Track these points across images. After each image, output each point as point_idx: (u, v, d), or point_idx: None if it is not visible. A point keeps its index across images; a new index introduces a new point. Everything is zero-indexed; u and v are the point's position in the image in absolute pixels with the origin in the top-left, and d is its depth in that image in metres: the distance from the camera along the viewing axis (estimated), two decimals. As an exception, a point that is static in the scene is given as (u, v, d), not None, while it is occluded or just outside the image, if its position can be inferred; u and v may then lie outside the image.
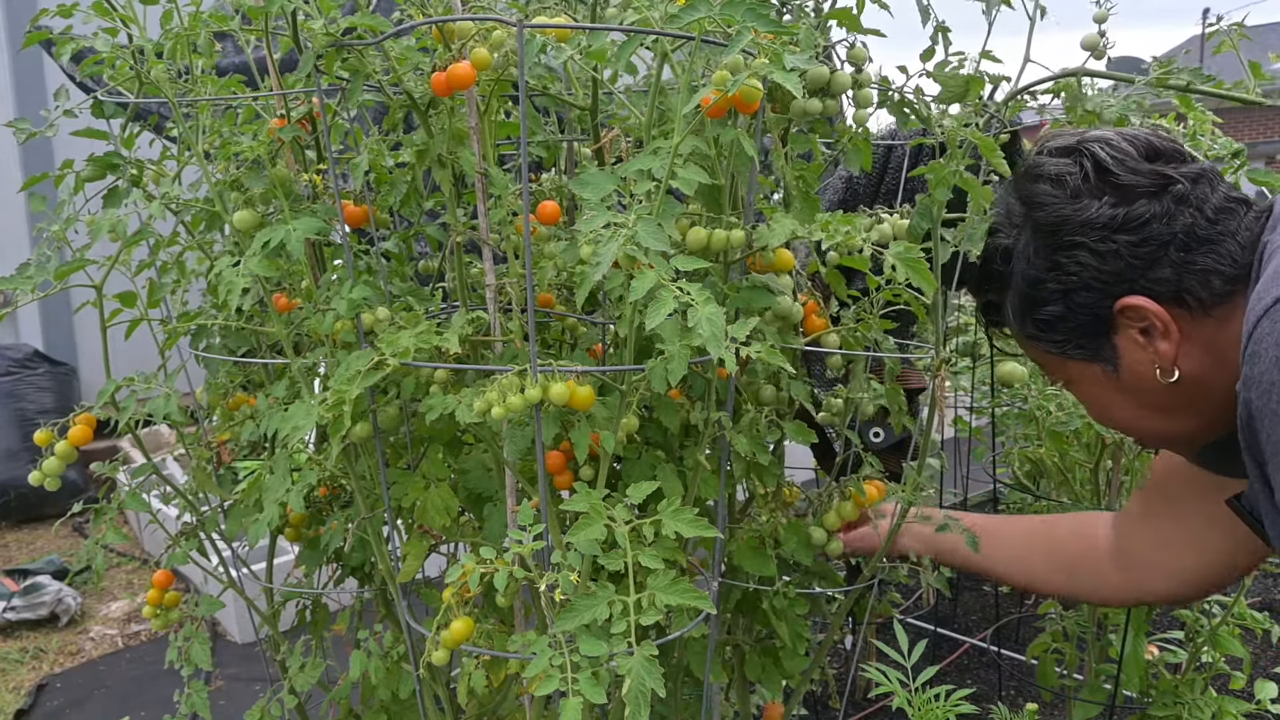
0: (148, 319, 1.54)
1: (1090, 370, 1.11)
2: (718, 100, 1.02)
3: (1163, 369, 1.03)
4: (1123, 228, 1.01)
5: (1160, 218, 1.00)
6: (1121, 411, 1.13)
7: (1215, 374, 1.02)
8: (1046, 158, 1.10)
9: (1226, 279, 0.99)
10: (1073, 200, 1.04)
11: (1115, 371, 1.08)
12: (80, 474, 4.76)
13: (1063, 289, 1.06)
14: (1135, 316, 1.02)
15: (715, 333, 0.96)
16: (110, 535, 1.53)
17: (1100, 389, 1.12)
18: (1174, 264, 1.00)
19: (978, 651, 3.16)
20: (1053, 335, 1.10)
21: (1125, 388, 1.09)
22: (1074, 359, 1.11)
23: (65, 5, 1.32)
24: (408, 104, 1.27)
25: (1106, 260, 1.02)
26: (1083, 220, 1.03)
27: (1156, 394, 1.07)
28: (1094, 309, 1.04)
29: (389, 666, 1.47)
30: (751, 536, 1.44)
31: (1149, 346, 1.04)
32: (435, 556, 1.52)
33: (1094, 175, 1.04)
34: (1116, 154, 1.04)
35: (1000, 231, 1.15)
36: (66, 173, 1.38)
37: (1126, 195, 1.02)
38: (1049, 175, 1.08)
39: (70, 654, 3.48)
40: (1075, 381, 1.15)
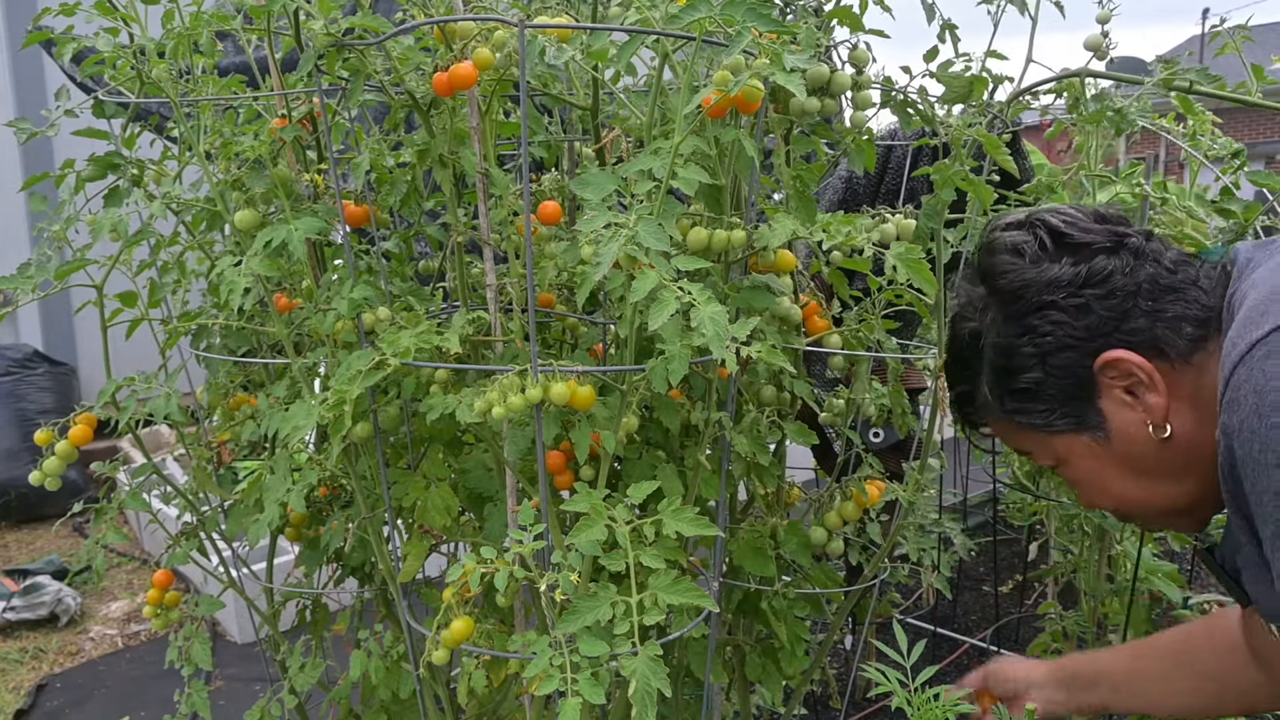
0: (148, 319, 1.54)
1: (1079, 443, 1.07)
2: (719, 100, 1.02)
3: (1155, 424, 1.00)
4: (1088, 283, 1.00)
5: (1122, 270, 1.00)
6: (1119, 485, 1.08)
7: (1203, 426, 1.00)
8: (1000, 233, 1.09)
9: (1197, 324, 0.99)
10: (1034, 265, 1.03)
11: (1106, 438, 1.04)
12: (80, 474, 4.76)
13: (1039, 351, 1.03)
14: (1119, 373, 1.00)
15: (718, 332, 0.96)
16: (110, 535, 1.54)
17: (1093, 462, 1.08)
18: (1146, 314, 0.99)
19: (978, 651, 3.16)
20: (1035, 406, 1.06)
21: (1119, 456, 1.05)
22: (1060, 432, 1.07)
23: (67, 4, 1.32)
24: (409, 104, 1.27)
25: (1079, 315, 1.00)
26: (1048, 280, 1.02)
27: (1151, 458, 1.03)
28: (1074, 370, 1.02)
29: (389, 666, 1.47)
30: (752, 536, 1.44)
31: (1137, 404, 1.00)
32: (435, 556, 1.52)
33: (1050, 241, 1.04)
34: (1068, 218, 1.05)
35: (964, 318, 1.13)
36: (67, 172, 1.38)
37: (1085, 253, 1.02)
38: (1006, 246, 1.06)
39: (70, 654, 3.48)
40: (1065, 460, 1.10)
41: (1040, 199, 1.89)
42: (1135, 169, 2.33)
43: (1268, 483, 0.85)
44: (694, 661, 1.43)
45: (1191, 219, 1.88)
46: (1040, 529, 2.81)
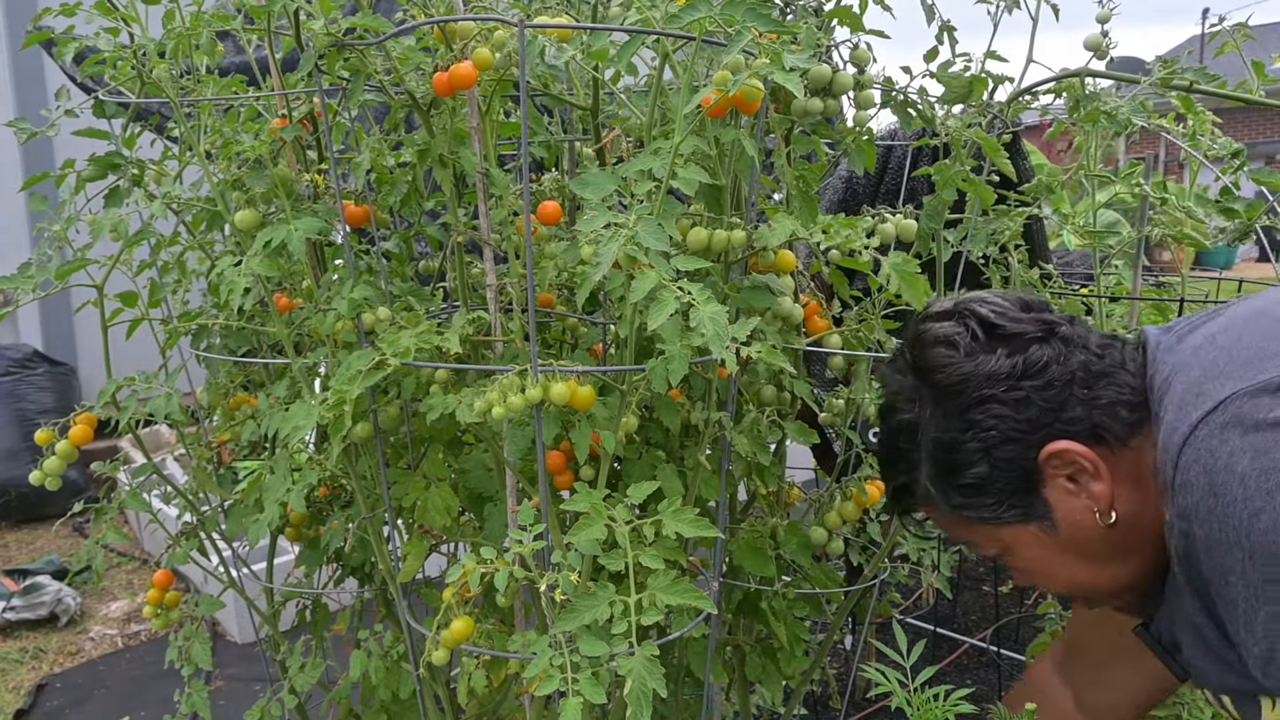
0: (149, 319, 1.54)
1: (1026, 533, 1.07)
2: (719, 100, 1.02)
3: (1101, 511, 1.02)
4: (1026, 374, 1.00)
5: (1056, 359, 1.01)
6: (1066, 570, 1.09)
7: (1145, 507, 1.01)
8: (930, 323, 1.08)
9: (1131, 407, 1.00)
10: (969, 358, 1.03)
11: (1053, 527, 1.05)
12: (80, 474, 4.76)
13: (984, 446, 1.03)
14: (1062, 463, 1.01)
15: (718, 332, 0.96)
16: (110, 535, 1.53)
17: (1040, 550, 1.08)
18: (1082, 402, 1.00)
19: (977, 651, 3.16)
20: (982, 500, 1.06)
21: (1065, 544, 1.06)
22: (1007, 523, 1.07)
23: (67, 5, 1.32)
24: (409, 104, 1.27)
25: (1020, 408, 1.00)
26: (986, 373, 1.02)
27: (1098, 542, 1.04)
28: (1019, 462, 1.02)
29: (389, 666, 1.47)
30: (752, 536, 1.44)
31: (1081, 492, 1.01)
32: (435, 556, 1.52)
33: (982, 332, 1.04)
34: (997, 309, 1.05)
35: (898, 409, 1.11)
36: (67, 172, 1.38)
37: (1018, 344, 1.02)
38: (938, 338, 1.05)
39: (70, 654, 3.48)
40: (1012, 549, 1.11)
41: (1040, 199, 1.89)
42: (1135, 169, 2.33)
43: (1230, 562, 0.86)
44: (694, 661, 1.43)
45: (1191, 219, 1.88)
46: (1040, 529, 2.81)
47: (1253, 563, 0.84)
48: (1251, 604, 0.85)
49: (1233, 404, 0.88)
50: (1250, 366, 0.91)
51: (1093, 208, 2.06)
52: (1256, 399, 0.87)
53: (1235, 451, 0.86)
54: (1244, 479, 0.85)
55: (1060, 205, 4.04)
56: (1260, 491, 0.83)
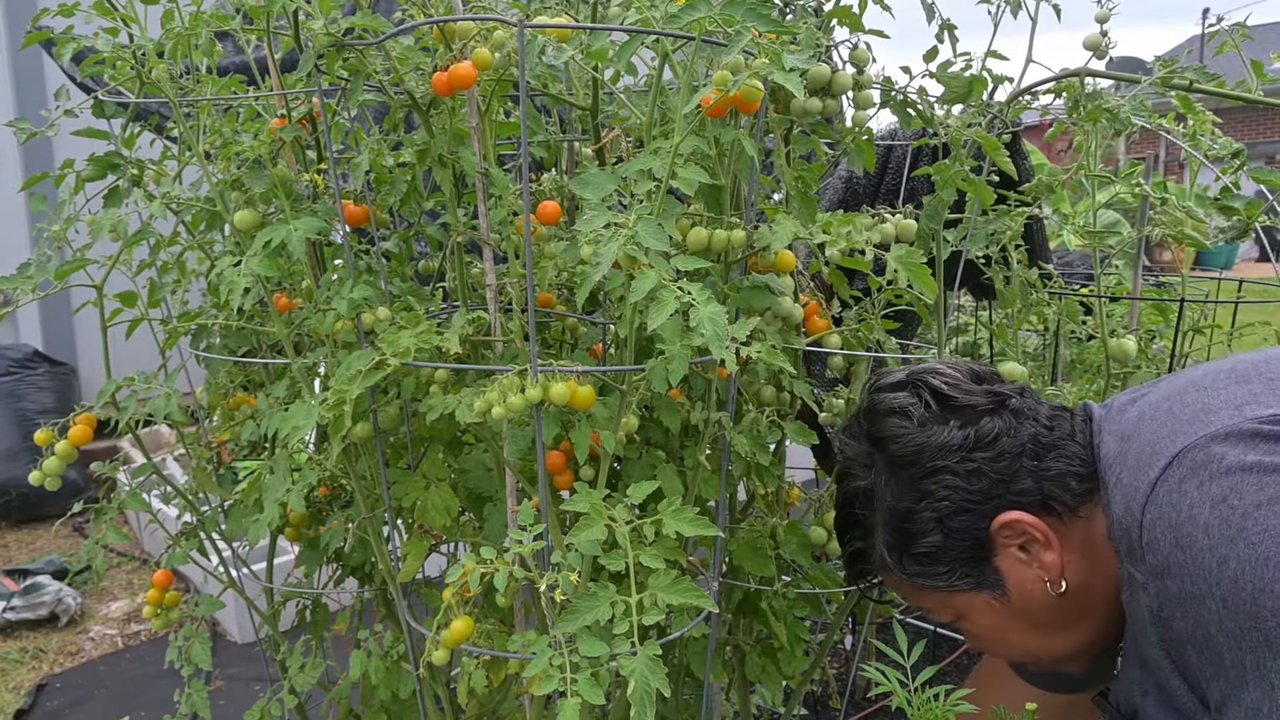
0: (148, 319, 1.54)
1: (978, 600, 1.09)
2: (718, 100, 1.02)
3: (1052, 581, 1.03)
4: (978, 445, 1.02)
5: (1007, 431, 1.02)
6: (1020, 638, 1.11)
7: (1096, 575, 1.02)
8: (884, 394, 1.10)
9: (1081, 478, 1.02)
10: (922, 429, 1.05)
11: (1004, 595, 1.07)
12: (80, 474, 4.76)
13: (937, 515, 1.04)
14: (1014, 533, 1.02)
15: (717, 332, 0.96)
16: (110, 535, 1.53)
17: (992, 618, 1.10)
18: (1032, 473, 1.01)
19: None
20: (936, 568, 1.08)
21: (1017, 611, 1.07)
22: (960, 591, 1.09)
23: (66, 5, 1.32)
24: (409, 104, 1.27)
25: (972, 480, 1.02)
26: (939, 445, 1.04)
27: (1049, 610, 1.06)
28: (971, 532, 1.04)
29: (389, 666, 1.47)
30: (752, 536, 1.44)
31: (1032, 561, 1.03)
32: (435, 556, 1.52)
33: (935, 403, 1.06)
34: (949, 380, 1.07)
35: (853, 475, 1.13)
36: (67, 173, 1.38)
37: (970, 416, 1.04)
38: (894, 408, 1.07)
39: (70, 654, 3.48)
40: (966, 616, 1.13)
41: (1040, 199, 1.89)
42: (1135, 169, 2.33)
43: (1207, 614, 0.86)
44: (694, 661, 1.43)
45: (1191, 219, 1.88)
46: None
47: (1228, 611, 0.84)
48: (1236, 654, 0.85)
49: (1187, 456, 0.90)
50: (1196, 422, 0.93)
51: (1093, 208, 2.06)
52: (1208, 448, 0.89)
53: (1195, 503, 0.87)
54: (1207, 529, 0.86)
55: (1060, 205, 4.04)
56: (1224, 540, 0.84)
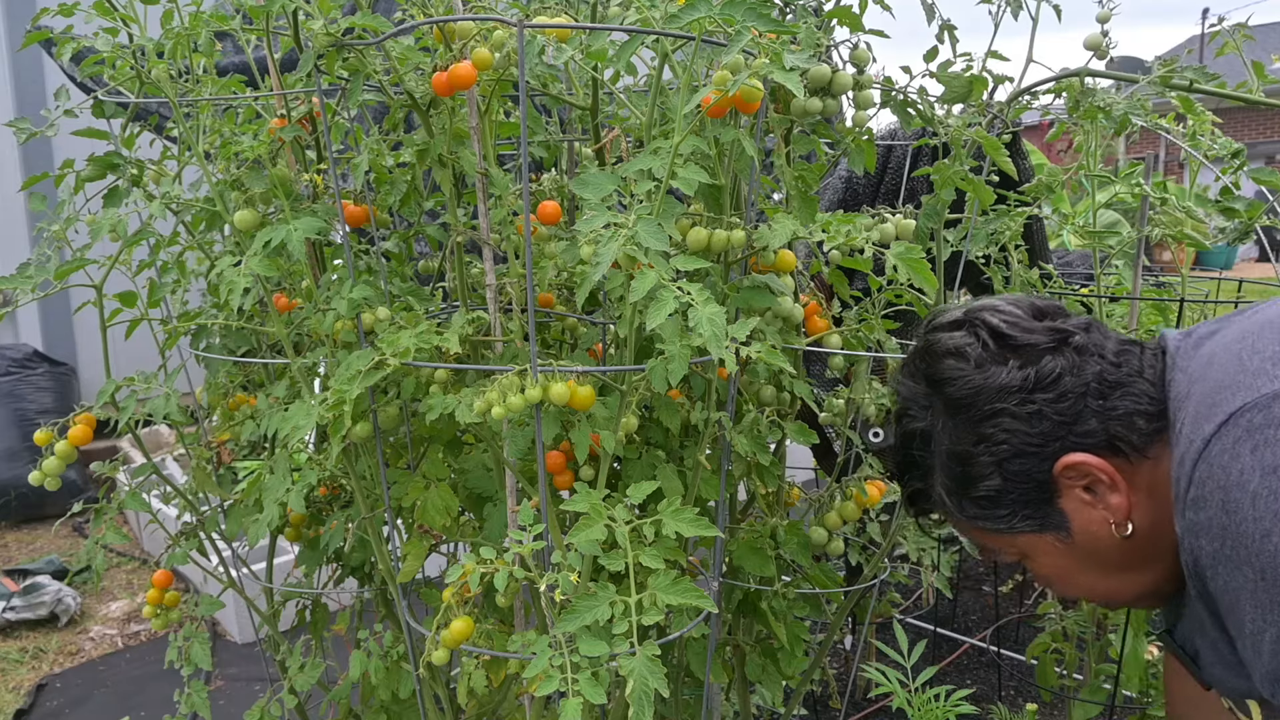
0: (148, 319, 1.54)
1: (1043, 542, 1.06)
2: (718, 100, 1.01)
3: (1117, 523, 1.00)
4: (1038, 387, 0.98)
5: (1070, 370, 0.99)
6: (1086, 579, 1.08)
7: (1163, 518, 0.98)
8: (939, 333, 1.06)
9: (1150, 418, 0.98)
10: (979, 370, 1.01)
11: (1069, 537, 1.03)
12: (80, 474, 4.76)
13: (996, 459, 1.01)
14: (1078, 475, 0.99)
15: (716, 333, 0.96)
16: (110, 535, 1.53)
17: (1057, 559, 1.07)
18: (1097, 413, 0.98)
19: (977, 651, 3.16)
20: (996, 511, 1.05)
21: (1082, 553, 1.05)
22: (1023, 533, 1.06)
23: (66, 5, 1.32)
24: (408, 104, 1.27)
25: (1032, 422, 0.99)
26: (997, 387, 1.00)
27: (1115, 552, 1.03)
28: (1032, 475, 1.01)
29: (389, 666, 1.47)
30: (752, 536, 1.44)
31: (1098, 503, 1.00)
32: (435, 556, 1.52)
33: (993, 342, 1.02)
34: (1008, 318, 1.03)
35: (911, 417, 1.10)
36: (67, 173, 1.38)
37: (1030, 355, 1.00)
38: (949, 350, 1.04)
39: (70, 654, 3.48)
40: (1030, 556, 1.10)
41: (1040, 199, 1.89)
42: (1135, 169, 2.33)
43: (1240, 580, 0.85)
44: (694, 661, 1.43)
45: (1191, 219, 1.88)
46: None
47: (1264, 584, 0.83)
48: (1259, 624, 0.84)
49: (1245, 416, 0.87)
50: (1262, 375, 0.89)
51: (1093, 208, 2.06)
52: (1270, 409, 0.86)
53: (1246, 470, 0.85)
54: (1255, 498, 0.83)
55: (1060, 205, 4.04)
56: (1269, 513, 0.82)
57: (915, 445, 1.10)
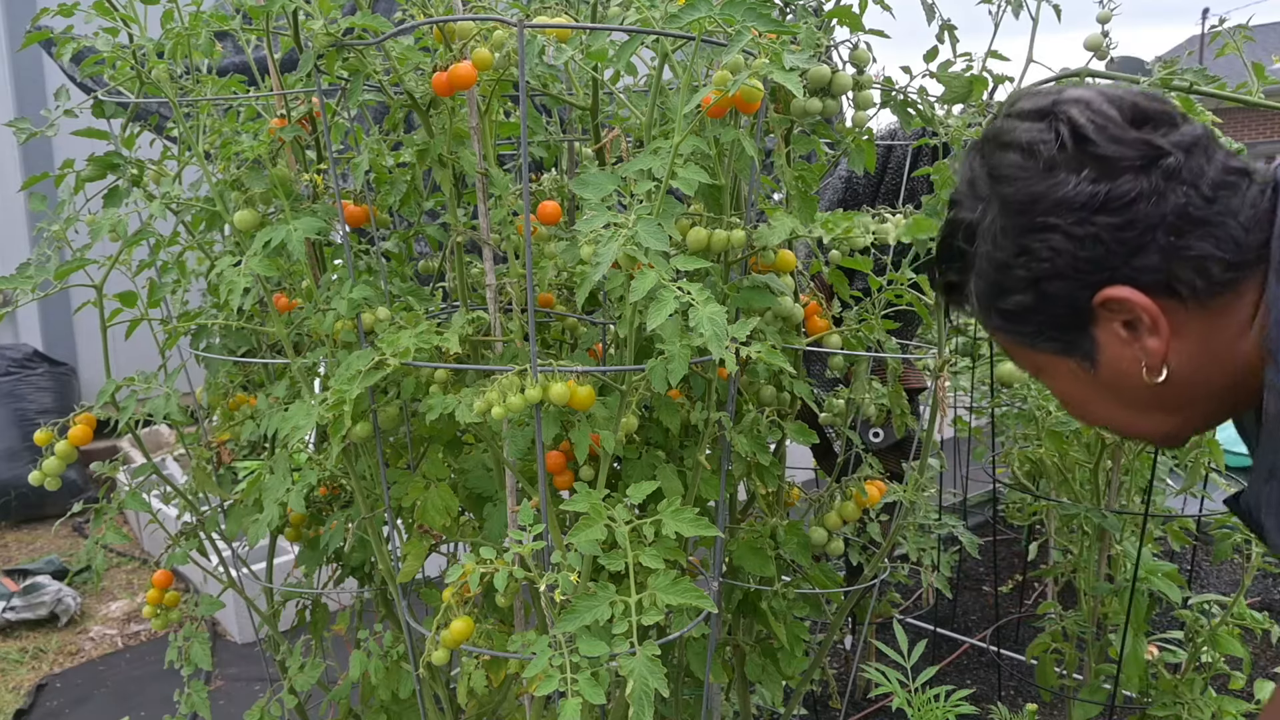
0: (148, 319, 1.54)
1: (1064, 365, 0.97)
2: (718, 100, 1.01)
3: (1150, 368, 0.90)
4: (1104, 208, 0.86)
5: (1148, 196, 0.86)
6: (1103, 410, 0.99)
7: (1210, 371, 0.90)
8: (1015, 121, 0.93)
9: (1228, 266, 0.86)
10: (1046, 174, 0.89)
11: (1093, 368, 0.94)
12: (80, 474, 4.76)
13: (1032, 276, 0.91)
14: (1119, 310, 0.89)
15: (716, 333, 0.96)
16: (110, 535, 1.53)
17: (1075, 385, 0.98)
18: (1163, 250, 0.86)
19: (977, 651, 3.16)
20: (1021, 327, 0.96)
21: (1104, 386, 0.95)
22: (1044, 351, 0.97)
23: (66, 5, 1.32)
24: (408, 104, 1.27)
25: (1084, 246, 0.88)
26: (1058, 199, 0.88)
27: (1141, 393, 0.93)
28: (1069, 300, 0.91)
29: (389, 666, 1.47)
30: (752, 536, 1.44)
31: (1134, 342, 0.90)
32: (435, 556, 1.52)
33: (1071, 144, 0.89)
34: (1098, 119, 0.89)
35: (963, 204, 0.99)
36: (67, 173, 1.38)
37: (1109, 169, 0.87)
38: (1019, 144, 0.91)
39: (70, 654, 3.48)
40: (1046, 374, 1.02)
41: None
42: (1135, 169, 2.32)
43: None
44: (694, 661, 1.43)
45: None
46: (1040, 529, 2.81)
47: None
48: None
49: None
50: None
51: (1092, 207, 2.05)
52: None
53: None
54: None
55: (1060, 205, 4.03)
56: None
57: (960, 236, 0.99)
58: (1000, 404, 2.50)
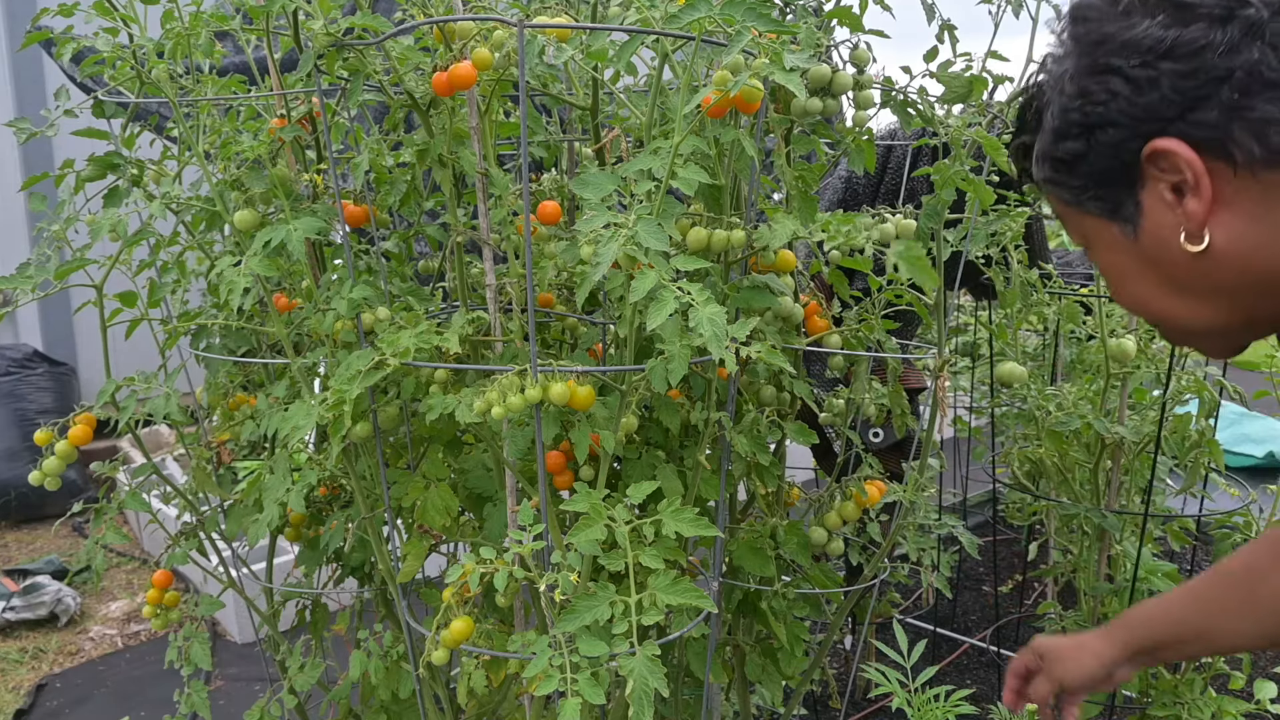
0: (148, 319, 1.54)
1: (1108, 231, 0.94)
2: (718, 100, 1.02)
3: (1189, 234, 0.87)
4: (1169, 54, 0.83)
5: (1218, 47, 0.82)
6: (1140, 286, 0.96)
7: (1259, 256, 0.86)
8: None
9: None
10: (1122, 17, 0.86)
11: (1135, 235, 0.91)
12: (80, 474, 4.76)
13: (1086, 122, 0.89)
14: (1167, 167, 0.86)
15: (716, 333, 0.96)
16: (110, 535, 1.53)
17: (1118, 256, 0.95)
18: (1225, 106, 0.82)
19: (977, 651, 3.16)
20: (1070, 179, 0.94)
21: (1145, 257, 0.92)
22: (1090, 213, 0.95)
23: (66, 5, 1.32)
24: (409, 104, 1.27)
25: (1142, 90, 0.85)
26: (1125, 40, 0.85)
27: (1181, 268, 0.90)
28: (1119, 151, 0.88)
29: (389, 666, 1.47)
30: (752, 536, 1.44)
31: (1177, 206, 0.87)
32: (435, 556, 1.52)
33: None
34: None
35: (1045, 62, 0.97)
36: (67, 173, 1.38)
37: (1184, 16, 0.84)
38: None
39: (70, 654, 3.48)
40: (1092, 244, 0.99)
41: (1040, 199, 1.89)
42: (1135, 169, 2.32)
43: None
44: (694, 661, 1.43)
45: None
46: (1040, 529, 2.81)
47: None
48: None
49: None
50: None
51: (1092, 207, 2.05)
52: None
53: None
54: None
55: (1060, 205, 4.03)
56: None
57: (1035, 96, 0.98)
58: (1000, 404, 2.50)
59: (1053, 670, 1.29)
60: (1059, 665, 1.28)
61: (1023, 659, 1.34)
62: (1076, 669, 1.26)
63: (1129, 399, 2.11)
